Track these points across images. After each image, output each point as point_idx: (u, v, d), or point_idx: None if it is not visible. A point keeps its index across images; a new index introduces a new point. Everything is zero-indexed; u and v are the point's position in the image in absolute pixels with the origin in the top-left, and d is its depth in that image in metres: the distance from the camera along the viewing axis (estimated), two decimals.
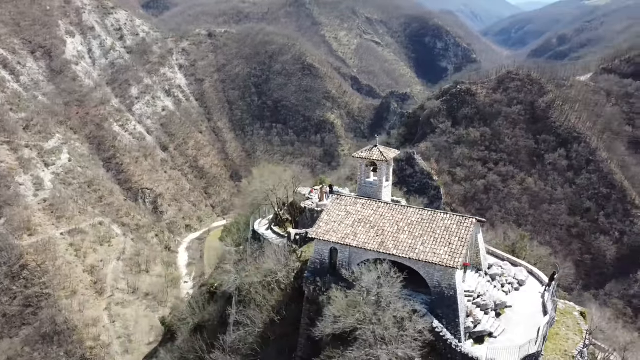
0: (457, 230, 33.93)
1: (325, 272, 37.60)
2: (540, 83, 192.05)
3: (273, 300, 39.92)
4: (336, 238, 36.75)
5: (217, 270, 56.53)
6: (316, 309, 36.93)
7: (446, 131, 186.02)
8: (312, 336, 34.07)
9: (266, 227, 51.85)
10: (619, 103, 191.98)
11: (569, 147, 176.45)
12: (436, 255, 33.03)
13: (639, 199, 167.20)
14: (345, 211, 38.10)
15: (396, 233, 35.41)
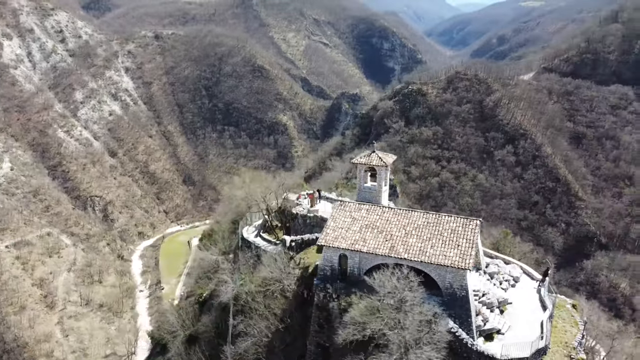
0: (463, 232, 35.06)
1: (336, 279, 37.75)
2: (487, 82, 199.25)
3: (278, 308, 39.71)
4: (346, 244, 36.99)
5: (205, 280, 55.44)
6: (326, 315, 37.05)
7: (399, 131, 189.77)
8: (322, 343, 34.26)
9: (255, 234, 51.40)
10: (560, 100, 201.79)
11: (516, 143, 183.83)
12: (447, 258, 33.96)
13: (582, 192, 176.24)
14: (350, 217, 38.39)
15: (404, 237, 36.08)
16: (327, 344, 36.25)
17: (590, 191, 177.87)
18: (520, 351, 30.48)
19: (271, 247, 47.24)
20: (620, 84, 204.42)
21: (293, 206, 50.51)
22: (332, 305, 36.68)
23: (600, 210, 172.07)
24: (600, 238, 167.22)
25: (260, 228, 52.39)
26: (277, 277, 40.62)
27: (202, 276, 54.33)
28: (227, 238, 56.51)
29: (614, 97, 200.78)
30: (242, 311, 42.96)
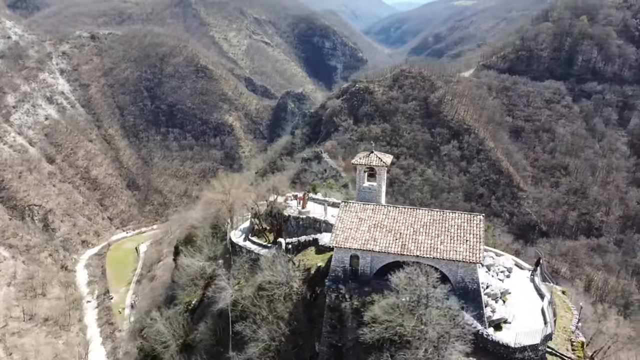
0: (469, 228, 36.44)
1: (347, 279, 37.98)
2: (431, 80, 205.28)
3: (284, 312, 39.50)
4: (357, 244, 37.38)
5: (192, 288, 54.06)
6: (338, 316, 37.25)
7: (349, 129, 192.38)
8: (334, 343, 34.57)
9: (243, 238, 50.83)
10: (499, 96, 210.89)
11: (461, 138, 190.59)
12: (458, 253, 35.15)
13: (523, 182, 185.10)
14: (357, 217, 38.83)
15: (413, 235, 37.03)
16: (339, 344, 36.65)
17: (531, 182, 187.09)
18: (532, 339, 32.26)
19: (264, 251, 46.95)
20: (553, 80, 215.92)
21: (283, 208, 50.34)
22: (344, 306, 37.01)
23: (540, 200, 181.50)
24: (541, 226, 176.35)
25: (247, 232, 51.89)
26: (282, 281, 40.43)
27: (189, 284, 52.86)
28: (211, 243, 55.45)
29: (548, 92, 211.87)
30: (241, 316, 42.52)
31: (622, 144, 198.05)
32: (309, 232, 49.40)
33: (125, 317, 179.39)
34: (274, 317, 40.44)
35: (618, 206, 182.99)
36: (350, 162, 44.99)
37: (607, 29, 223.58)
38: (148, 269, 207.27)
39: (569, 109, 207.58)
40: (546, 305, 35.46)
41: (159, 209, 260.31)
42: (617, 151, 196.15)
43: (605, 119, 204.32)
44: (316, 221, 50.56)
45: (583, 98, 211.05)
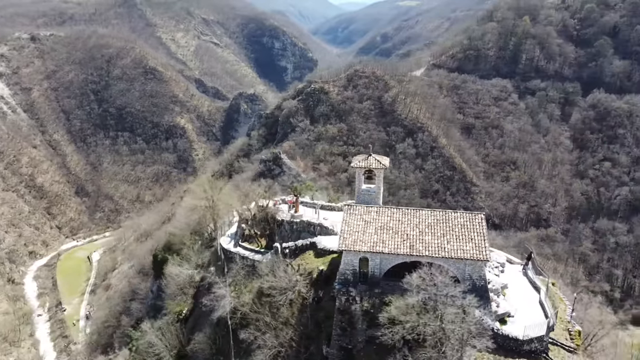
0: (472, 226, 37.70)
1: (357, 282, 38.31)
2: (384, 79, 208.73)
3: (291, 317, 39.23)
4: (366, 247, 37.85)
5: (182, 297, 52.61)
6: (348, 318, 37.55)
7: (306, 129, 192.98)
8: (344, 346, 34.84)
9: (233, 244, 50.12)
10: (450, 94, 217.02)
11: (415, 136, 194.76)
12: (465, 251, 36.33)
13: (476, 178, 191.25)
14: (362, 220, 39.27)
15: (420, 235, 37.87)
16: (349, 346, 37.08)
17: (483, 177, 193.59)
18: (538, 330, 33.95)
19: (258, 256, 46.57)
20: (500, 78, 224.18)
21: (276, 213, 50.05)
22: (354, 308, 37.43)
23: (492, 194, 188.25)
24: (493, 219, 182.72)
25: (237, 237, 51.20)
26: (286, 286, 40.33)
27: (178, 293, 51.41)
28: (197, 251, 54.39)
29: (495, 90, 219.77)
30: (241, 324, 42.03)
31: (565, 138, 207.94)
32: (304, 235, 49.32)
33: (81, 329, 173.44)
34: (279, 322, 40.22)
35: (564, 198, 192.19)
36: (352, 165, 45.23)
37: (547, 29, 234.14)
38: (102, 278, 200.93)
39: (516, 105, 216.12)
40: (544, 298, 37.28)
41: (110, 216, 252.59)
42: (561, 145, 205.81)
43: (549, 115, 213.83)
44: (310, 224, 50.63)
45: (528, 95, 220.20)
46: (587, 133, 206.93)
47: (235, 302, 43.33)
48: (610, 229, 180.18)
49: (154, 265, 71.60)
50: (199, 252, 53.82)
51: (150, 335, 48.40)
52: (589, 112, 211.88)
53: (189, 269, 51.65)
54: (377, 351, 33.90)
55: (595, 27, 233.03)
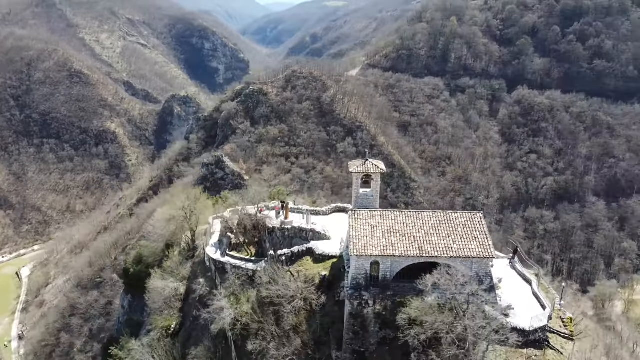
0: (473, 225, 39.30)
1: (369, 286, 38.93)
2: (322, 80, 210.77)
3: (298, 325, 38.87)
4: (377, 251, 38.55)
5: (169, 311, 50.43)
6: (361, 322, 38.12)
7: (246, 131, 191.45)
8: (357, 349, 35.31)
9: (220, 254, 49.03)
10: (386, 93, 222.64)
11: (355, 135, 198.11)
12: (471, 250, 37.90)
13: (414, 174, 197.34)
14: (369, 225, 39.89)
15: (426, 237, 39.07)
16: (362, 349, 37.79)
17: (421, 172, 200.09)
18: (541, 321, 36.20)
19: (251, 265, 46.04)
20: (432, 76, 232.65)
21: (265, 220, 49.63)
22: (366, 312, 38.11)
23: (430, 189, 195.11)
24: None
25: (223, 247, 50.25)
26: (293, 293, 40.13)
27: (164, 307, 49.32)
28: (179, 262, 52.72)
29: (428, 88, 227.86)
30: (242, 335, 41.37)
31: (494, 133, 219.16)
32: (296, 241, 49.32)
33: (14, 351, 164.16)
34: (284, 331, 40.05)
35: (496, 189, 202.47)
36: (350, 170, 45.70)
37: (473, 29, 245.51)
38: (35, 295, 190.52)
39: (448, 103, 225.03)
40: (537, 289, 39.71)
41: (38, 228, 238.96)
42: (491, 140, 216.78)
43: (479, 111, 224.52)
44: (302, 230, 50.73)
45: (458, 93, 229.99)
46: (514, 127, 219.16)
47: (235, 312, 42.66)
48: (539, 217, 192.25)
49: (125, 279, 68.71)
50: (179, 264, 52.38)
51: (140, 353, 46.37)
52: (514, 108, 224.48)
53: (174, 282, 50.16)
54: (390, 352, 35.05)
55: (516, 27, 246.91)
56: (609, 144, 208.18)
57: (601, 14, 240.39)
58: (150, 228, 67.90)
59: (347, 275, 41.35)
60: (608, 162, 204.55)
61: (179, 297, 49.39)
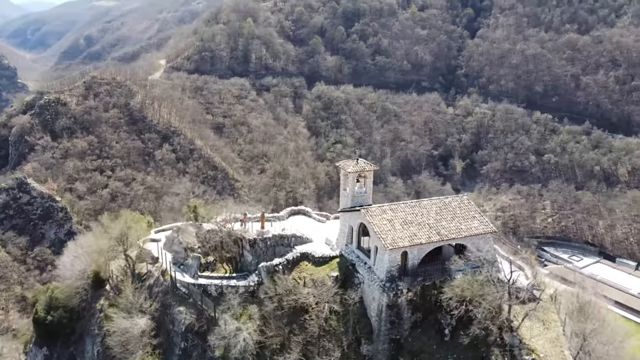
0: (467, 206, 43.27)
1: (401, 276, 41.10)
2: (127, 85, 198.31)
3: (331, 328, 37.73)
4: (406, 242, 40.91)
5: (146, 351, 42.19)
6: (396, 311, 39.99)
7: (48, 147, 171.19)
8: (394, 338, 36.50)
9: (189, 278, 44.21)
10: (195, 96, 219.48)
11: (171, 141, 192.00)
12: (477, 228, 42.49)
13: (236, 174, 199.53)
14: (386, 220, 41.40)
15: (436, 223, 42.36)
16: (397, 337, 39.38)
17: (242, 172, 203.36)
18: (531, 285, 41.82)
19: (243, 282, 43.12)
20: (237, 77, 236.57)
21: (243, 233, 46.48)
22: (400, 301, 40.13)
23: (254, 187, 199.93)
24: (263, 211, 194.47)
25: (191, 269, 45.65)
26: (318, 299, 39.27)
27: (134, 349, 41.04)
28: (136, 295, 45.17)
29: (235, 89, 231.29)
30: (259, 354, 38.68)
31: (302, 127, 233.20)
32: (278, 249, 48.54)
33: None
34: (316, 338, 39.48)
35: (311, 180, 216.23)
36: (346, 171, 45.95)
37: (269, 29, 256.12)
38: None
39: (256, 102, 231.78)
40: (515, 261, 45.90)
41: None
42: (300, 134, 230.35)
43: (285, 108, 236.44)
44: (283, 237, 50.10)
45: (264, 91, 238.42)
46: (318, 121, 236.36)
47: (251, 331, 39.97)
48: None
49: (38, 331, 56.53)
50: (139, 296, 45.73)
51: None
52: (316, 103, 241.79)
53: (143, 317, 43.70)
54: (423, 333, 37.96)
55: (307, 27, 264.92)
56: (398, 129, 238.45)
57: (376, 15, 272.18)
58: (61, 268, 57.55)
59: (365, 271, 43.51)
60: (399, 145, 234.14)
61: (151, 334, 43.82)
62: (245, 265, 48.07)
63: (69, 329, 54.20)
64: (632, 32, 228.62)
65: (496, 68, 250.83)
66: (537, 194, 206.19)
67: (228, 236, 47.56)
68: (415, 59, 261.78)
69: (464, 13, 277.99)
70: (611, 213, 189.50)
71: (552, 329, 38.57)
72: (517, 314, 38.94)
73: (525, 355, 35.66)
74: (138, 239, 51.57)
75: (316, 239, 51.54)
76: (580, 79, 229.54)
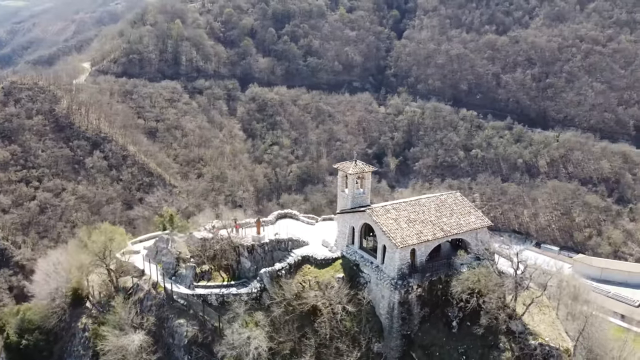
0: (461, 202, 44.57)
1: (411, 273, 41.79)
2: (50, 90, 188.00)
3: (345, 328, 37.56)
4: (415, 239, 41.73)
5: None
6: (407, 308, 40.78)
7: None
8: (405, 333, 37.18)
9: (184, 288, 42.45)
10: (125, 100, 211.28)
11: (102, 147, 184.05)
12: (474, 222, 43.96)
13: (173, 179, 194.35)
14: (391, 219, 41.61)
15: (439, 219, 43.28)
16: (408, 332, 39.93)
17: (179, 177, 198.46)
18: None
19: (245, 290, 42.03)
20: (168, 80, 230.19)
21: (241, 240, 45.17)
22: (411, 297, 40.95)
23: (192, 191, 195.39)
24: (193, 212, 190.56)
25: (186, 280, 43.82)
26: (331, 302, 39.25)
27: None
28: (126, 310, 42.33)
29: (166, 92, 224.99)
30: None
31: (238, 130, 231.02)
32: (276, 254, 48.16)
33: None
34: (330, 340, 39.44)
35: (250, 183, 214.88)
36: (347, 173, 46.12)
37: (198, 31, 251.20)
38: None
39: (189, 105, 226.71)
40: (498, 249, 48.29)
41: None
42: (236, 137, 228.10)
43: (219, 111, 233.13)
44: (279, 241, 49.62)
45: (197, 94, 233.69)
46: (254, 123, 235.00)
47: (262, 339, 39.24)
48: (292, 201, 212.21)
49: (10, 357, 51.37)
50: (127, 311, 43.17)
51: None
52: (250, 105, 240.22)
53: (139, 333, 41.26)
54: (432, 327, 39.16)
55: (237, 29, 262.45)
56: (333, 129, 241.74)
57: (305, 17, 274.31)
58: (34, 287, 53.08)
59: (371, 270, 43.99)
60: (335, 145, 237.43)
61: (149, 349, 41.60)
62: (243, 272, 47.25)
63: (46, 351, 50.79)
64: (545, 32, 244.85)
65: (423, 68, 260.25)
66: (467, 188, 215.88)
67: (228, 243, 46.73)
68: (346, 60, 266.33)
69: (390, 15, 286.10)
70: (534, 202, 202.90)
71: (548, 313, 41.61)
72: (518, 302, 41.67)
73: (532, 340, 38.30)
74: (118, 252, 49.51)
75: (311, 241, 51.90)
76: (500, 77, 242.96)
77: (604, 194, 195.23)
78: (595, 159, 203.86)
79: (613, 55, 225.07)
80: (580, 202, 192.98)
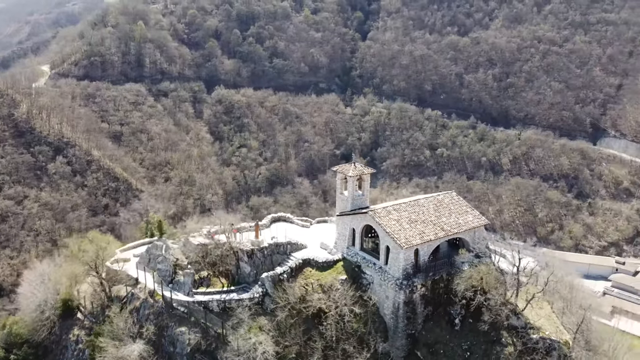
0: (457, 202, 44.96)
1: (415, 272, 42.15)
2: (8, 94, 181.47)
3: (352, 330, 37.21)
4: (418, 240, 41.95)
5: None
6: (412, 307, 41.03)
7: None
8: (410, 332, 37.40)
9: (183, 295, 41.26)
10: (87, 104, 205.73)
11: (65, 153, 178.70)
12: (472, 222, 44.62)
13: (140, 184, 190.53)
14: (394, 220, 41.56)
15: (439, 219, 43.59)
16: (413, 331, 39.98)
17: (146, 181, 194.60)
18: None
19: (247, 295, 41.26)
20: (131, 82, 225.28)
21: (240, 245, 44.26)
22: (415, 297, 41.32)
23: (160, 196, 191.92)
24: None
25: (188, 287, 42.70)
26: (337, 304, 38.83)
27: None
28: (124, 319, 40.76)
29: (131, 95, 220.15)
30: None
31: (205, 133, 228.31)
32: (275, 258, 47.53)
33: None
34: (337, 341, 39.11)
35: (219, 186, 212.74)
36: (347, 175, 45.78)
37: (162, 33, 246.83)
38: None
39: (154, 108, 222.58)
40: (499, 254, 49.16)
41: None
42: (204, 139, 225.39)
43: (186, 114, 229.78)
44: (278, 245, 48.93)
45: (162, 97, 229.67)
46: (221, 125, 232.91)
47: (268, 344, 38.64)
48: (261, 203, 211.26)
49: None
50: (125, 321, 41.78)
51: None
52: (217, 107, 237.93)
53: (140, 343, 39.95)
54: (436, 325, 39.58)
55: (201, 30, 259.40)
56: (300, 130, 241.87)
57: (270, 18, 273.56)
58: (21, 300, 50.61)
59: (374, 271, 44.04)
60: (303, 146, 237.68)
61: (149, 359, 40.54)
62: (243, 277, 46.75)
63: None
64: (504, 34, 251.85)
65: (388, 68, 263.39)
66: (433, 186, 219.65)
67: (229, 249, 46.13)
68: (312, 61, 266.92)
69: (354, 16, 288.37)
70: (499, 199, 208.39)
71: (544, 307, 42.99)
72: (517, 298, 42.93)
73: (533, 334, 39.49)
74: (109, 260, 48.25)
75: (309, 244, 51.72)
76: (463, 77, 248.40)
77: (564, 190, 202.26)
78: (555, 156, 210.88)
79: (569, 55, 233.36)
80: (542, 198, 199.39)
